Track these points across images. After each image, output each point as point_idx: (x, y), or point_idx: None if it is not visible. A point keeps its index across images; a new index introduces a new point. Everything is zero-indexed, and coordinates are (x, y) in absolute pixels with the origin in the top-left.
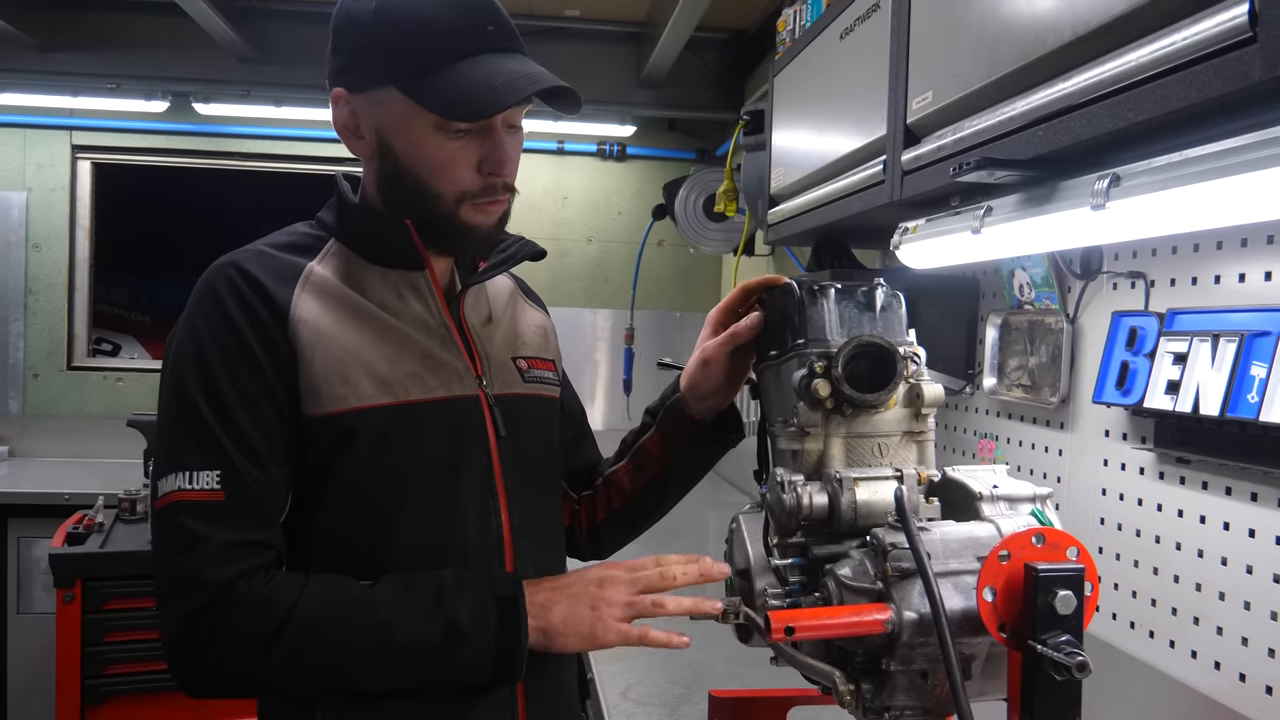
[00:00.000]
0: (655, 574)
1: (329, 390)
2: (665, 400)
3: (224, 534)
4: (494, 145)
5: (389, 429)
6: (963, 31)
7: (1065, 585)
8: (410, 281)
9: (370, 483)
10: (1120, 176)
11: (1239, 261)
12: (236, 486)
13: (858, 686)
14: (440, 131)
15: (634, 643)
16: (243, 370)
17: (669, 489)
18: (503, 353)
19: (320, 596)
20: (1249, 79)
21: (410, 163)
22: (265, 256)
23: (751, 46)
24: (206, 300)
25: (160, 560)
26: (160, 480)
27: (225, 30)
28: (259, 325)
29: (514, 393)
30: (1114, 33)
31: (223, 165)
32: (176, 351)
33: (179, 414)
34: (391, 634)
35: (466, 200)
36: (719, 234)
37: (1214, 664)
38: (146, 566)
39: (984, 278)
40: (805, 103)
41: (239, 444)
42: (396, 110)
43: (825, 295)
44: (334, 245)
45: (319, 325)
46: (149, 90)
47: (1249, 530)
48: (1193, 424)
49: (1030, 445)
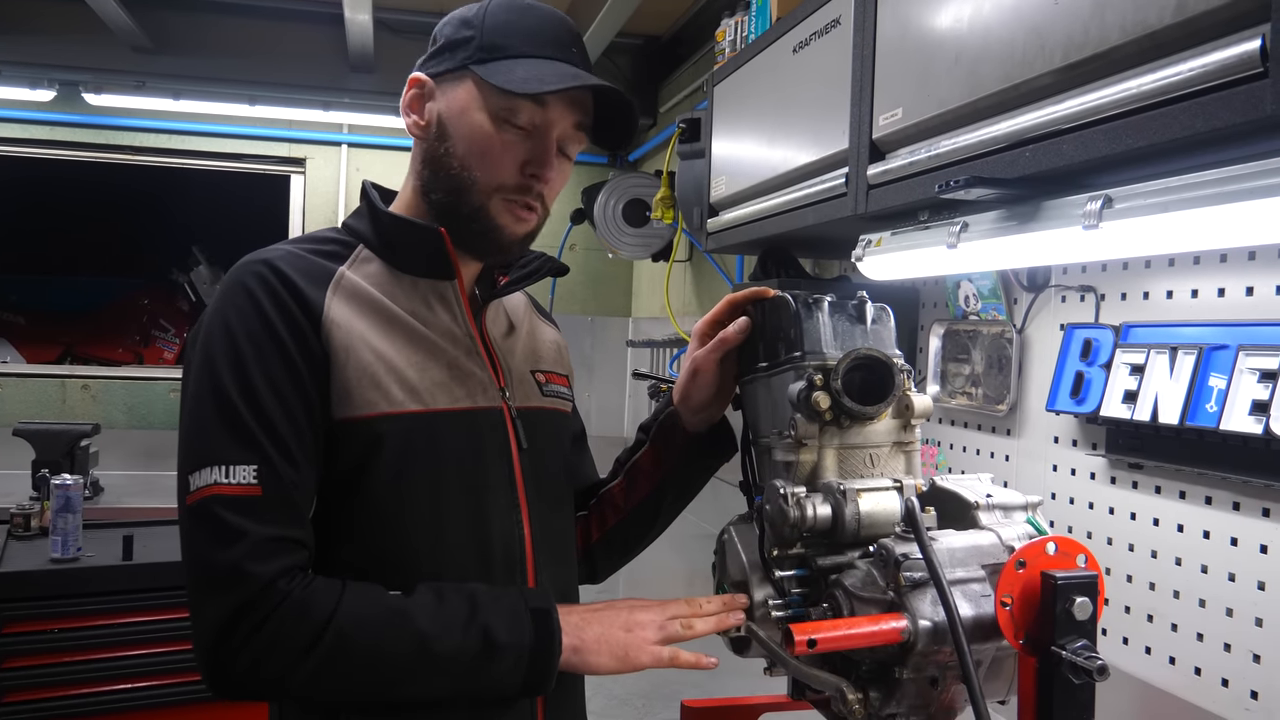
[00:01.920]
0: (685, 606)
1: (360, 394)
2: (659, 416)
3: (263, 529)
4: (543, 150)
5: (416, 437)
6: (937, 52)
7: (1082, 592)
8: (438, 291)
9: (395, 490)
10: (1113, 199)
11: (1192, 278)
12: (273, 482)
13: (865, 694)
14: (497, 122)
15: (665, 664)
16: (277, 366)
17: (663, 505)
18: (522, 366)
19: (358, 604)
20: (1260, 112)
21: (459, 144)
22: (297, 258)
23: (665, 53)
24: (239, 295)
25: (195, 555)
26: (192, 474)
27: (121, 17)
28: (293, 324)
29: (534, 405)
30: (1106, 60)
31: (113, 159)
32: (207, 344)
33: (212, 407)
34: (429, 644)
35: (500, 194)
36: (636, 239)
37: (1169, 659)
38: (47, 586)
39: (924, 288)
40: (752, 114)
41: (274, 440)
42: (464, 95)
43: (820, 308)
44: (363, 252)
45: (351, 329)
46: (35, 78)
47: (1203, 532)
48: (1148, 431)
49: (975, 451)
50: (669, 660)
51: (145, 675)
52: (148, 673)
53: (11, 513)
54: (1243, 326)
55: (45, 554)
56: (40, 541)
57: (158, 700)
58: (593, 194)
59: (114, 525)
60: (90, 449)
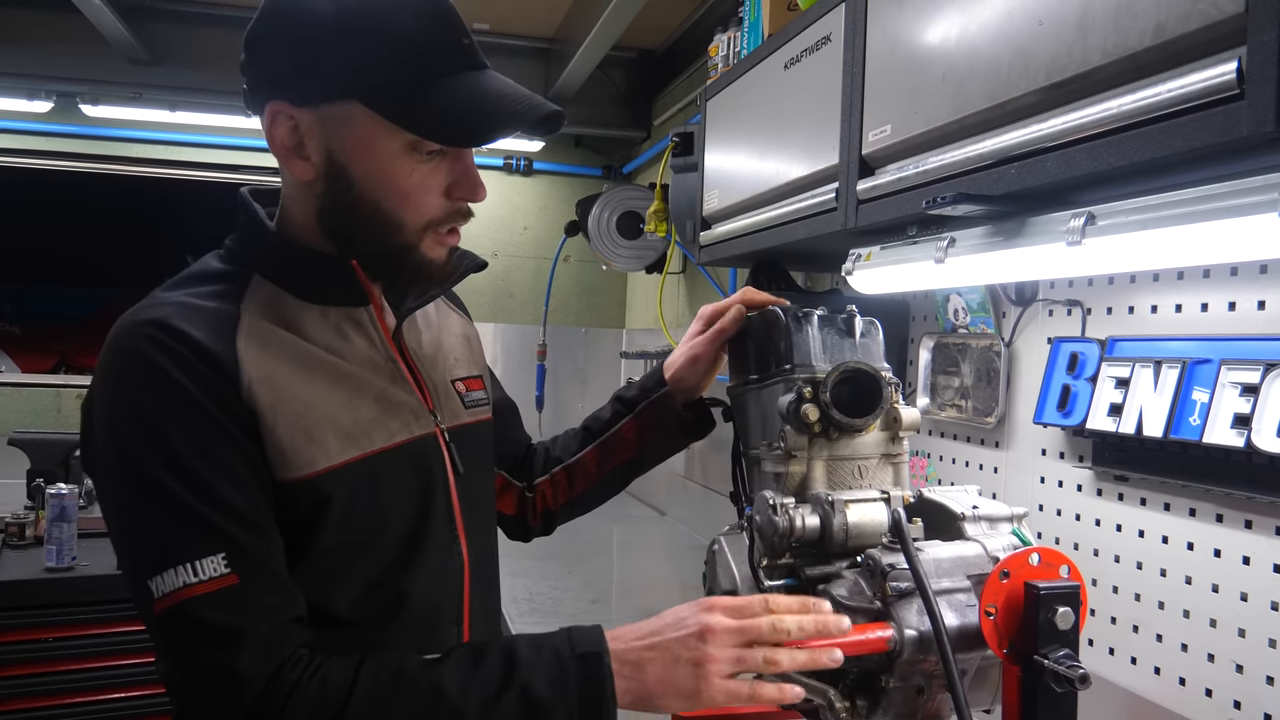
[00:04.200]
0: (766, 625)
1: (296, 453)
2: (649, 393)
3: (256, 620)
4: (465, 169)
5: (360, 486)
6: (925, 70)
7: (1064, 602)
8: (351, 318)
9: (341, 544)
10: (1095, 215)
11: (1175, 293)
12: (247, 563)
13: (853, 703)
14: (411, 154)
15: (744, 703)
16: (208, 437)
17: (635, 473)
18: (444, 377)
19: (377, 684)
20: (1236, 133)
21: (370, 188)
22: (187, 309)
23: (660, 67)
24: (137, 368)
25: (187, 669)
26: (154, 580)
27: (118, 29)
28: (208, 387)
29: (462, 423)
30: (1089, 80)
31: (110, 170)
32: (117, 436)
33: (152, 503)
34: (462, 715)
35: (430, 230)
36: (630, 251)
37: (1154, 669)
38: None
39: (914, 301)
40: (744, 128)
41: (232, 518)
42: (360, 129)
43: (809, 321)
44: (256, 280)
45: (273, 381)
46: (31, 89)
47: (1188, 543)
48: (1134, 444)
49: (965, 463)
50: (749, 697)
51: (139, 685)
52: (141, 682)
53: (6, 522)
54: (1225, 341)
55: (40, 563)
56: (35, 551)
57: (151, 709)
58: (587, 206)
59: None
60: None
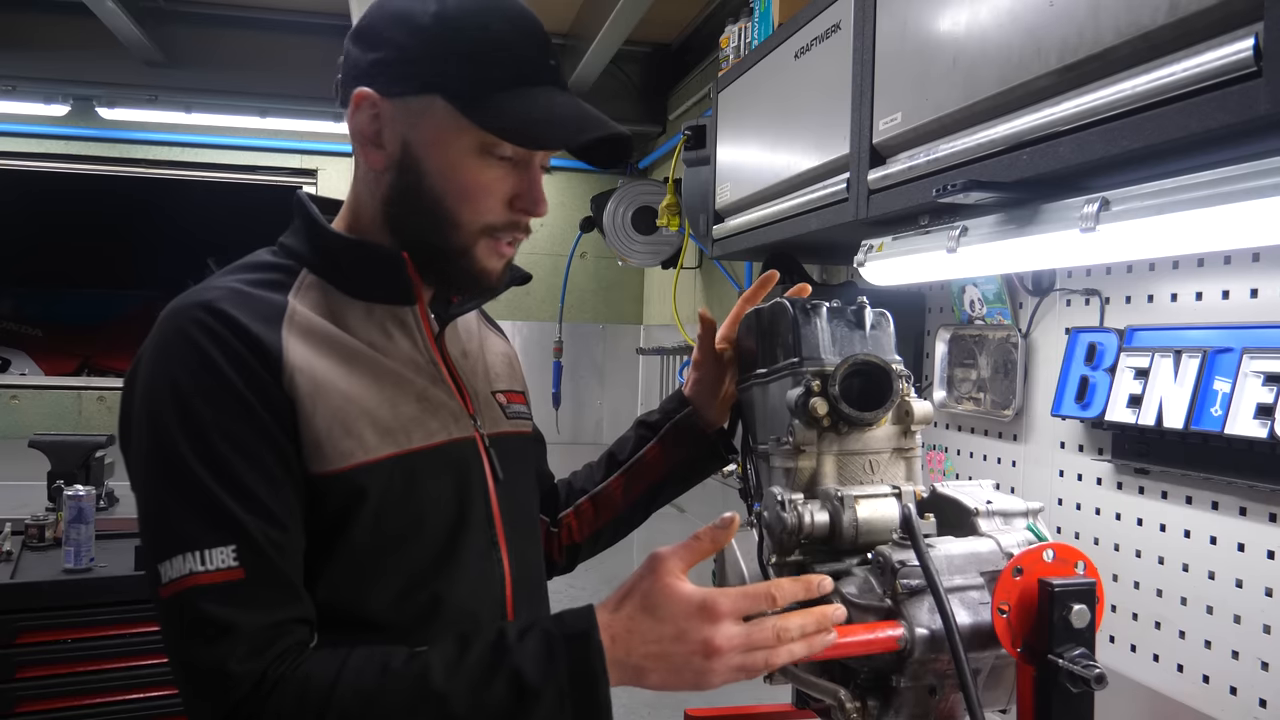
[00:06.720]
0: (771, 635)
1: (333, 445)
2: (671, 415)
3: (253, 618)
4: (531, 182)
5: (396, 482)
6: (935, 56)
7: (1079, 600)
8: (396, 317)
9: (375, 542)
10: (1110, 201)
11: (1196, 280)
12: (256, 559)
13: (864, 703)
14: (482, 155)
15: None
16: (240, 424)
17: (659, 499)
18: (484, 388)
19: (361, 676)
20: (1254, 111)
21: (437, 182)
22: (238, 294)
23: (675, 61)
24: (181, 347)
25: (179, 653)
26: (162, 564)
27: (133, 32)
28: (250, 374)
29: (502, 431)
30: (1102, 61)
31: (127, 173)
32: (152, 412)
33: (173, 485)
34: (449, 704)
35: (487, 235)
36: (646, 247)
37: (1177, 666)
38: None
39: (930, 293)
40: (755, 120)
41: (250, 508)
42: (437, 123)
43: (818, 314)
44: (307, 276)
45: (315, 372)
46: (49, 93)
47: (1210, 537)
48: (1154, 436)
49: (982, 456)
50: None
51: (157, 685)
52: (160, 683)
53: (26, 524)
54: (1247, 329)
55: (59, 564)
56: (54, 552)
57: (171, 710)
58: (602, 202)
59: (127, 536)
60: (105, 460)
